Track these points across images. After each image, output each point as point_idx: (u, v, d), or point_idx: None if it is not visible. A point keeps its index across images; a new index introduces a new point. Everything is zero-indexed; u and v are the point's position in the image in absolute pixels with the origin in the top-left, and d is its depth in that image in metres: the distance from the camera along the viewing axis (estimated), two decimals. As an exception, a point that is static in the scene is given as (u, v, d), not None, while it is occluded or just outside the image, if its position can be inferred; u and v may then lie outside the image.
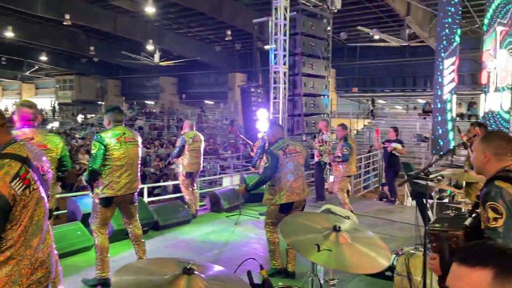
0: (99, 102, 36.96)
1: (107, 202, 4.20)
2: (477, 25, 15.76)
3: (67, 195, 6.91)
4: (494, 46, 7.91)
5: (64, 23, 19.12)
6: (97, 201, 4.22)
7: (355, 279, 4.58)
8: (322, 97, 11.20)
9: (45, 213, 1.90)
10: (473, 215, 2.19)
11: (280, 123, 10.31)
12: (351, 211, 7.16)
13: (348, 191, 11.20)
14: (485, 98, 8.41)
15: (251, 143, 7.50)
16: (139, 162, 4.44)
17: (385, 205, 8.54)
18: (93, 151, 4.14)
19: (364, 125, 23.75)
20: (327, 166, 8.87)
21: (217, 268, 1.71)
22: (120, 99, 34.42)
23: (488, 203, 2.05)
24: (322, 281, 2.75)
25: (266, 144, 5.42)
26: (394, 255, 4.03)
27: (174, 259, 1.65)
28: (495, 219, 2.01)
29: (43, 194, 1.88)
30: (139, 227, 4.59)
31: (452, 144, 8.08)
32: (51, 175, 2.05)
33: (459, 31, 8.32)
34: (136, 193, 4.44)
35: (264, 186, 4.53)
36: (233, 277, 1.64)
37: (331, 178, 11.99)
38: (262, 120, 10.13)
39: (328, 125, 9.05)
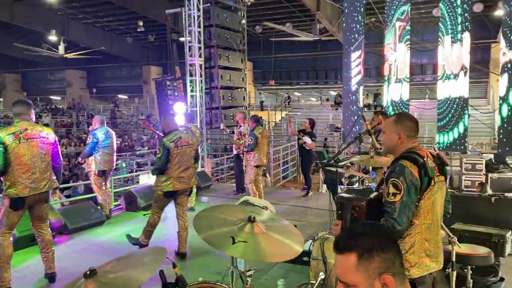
0: (-3, 99, 33.44)
1: (17, 204, 3.91)
2: (379, 21, 16.92)
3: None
4: (394, 40, 8.55)
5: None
6: (6, 203, 3.89)
7: (275, 266, 4.67)
8: (239, 89, 11.26)
9: None
10: (379, 191, 2.35)
11: (198, 116, 10.18)
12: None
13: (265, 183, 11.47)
14: (387, 89, 9.08)
15: None
16: (48, 159, 4.12)
17: (303, 194, 8.86)
18: None
19: (282, 117, 24.44)
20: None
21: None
22: (21, 94, 31.42)
23: (391, 179, 2.21)
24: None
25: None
26: (311, 241, 4.16)
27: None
28: (394, 195, 2.17)
29: None
30: (49, 233, 4.33)
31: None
32: None
33: (363, 26, 8.86)
34: (48, 192, 4.14)
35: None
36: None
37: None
38: (180, 114, 9.90)
39: (246, 117, 9.12)
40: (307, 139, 8.33)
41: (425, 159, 2.26)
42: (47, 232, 4.24)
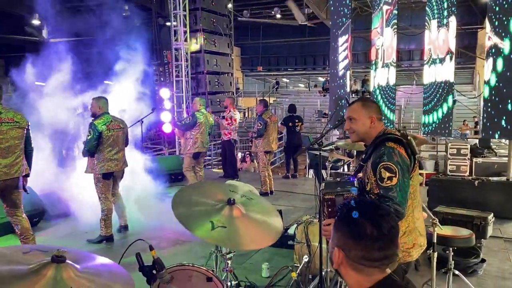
0: (-21, 85, 32.67)
1: None
2: (367, 5, 16.84)
3: None
4: (381, 25, 8.51)
5: None
6: None
7: (260, 250, 4.67)
8: (226, 75, 11.16)
9: None
10: (356, 177, 2.28)
11: (184, 102, 10.08)
12: (271, 192, 7.37)
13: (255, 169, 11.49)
14: (374, 74, 9.07)
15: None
16: (21, 144, 4.04)
17: (290, 179, 8.90)
18: None
19: (270, 103, 24.35)
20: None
21: (101, 259, 1.54)
22: (5, 80, 30.76)
23: (382, 163, 2.10)
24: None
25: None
26: (295, 225, 4.17)
27: (47, 247, 1.45)
28: (390, 178, 2.08)
29: None
30: (26, 219, 4.24)
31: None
32: None
33: (350, 9, 8.80)
34: (19, 178, 4.04)
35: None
36: (114, 268, 1.49)
37: (239, 155, 12.18)
38: (166, 99, 9.79)
39: (234, 102, 9.04)
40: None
41: (409, 138, 2.22)
42: (22, 218, 4.17)
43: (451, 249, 3.47)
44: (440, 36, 6.80)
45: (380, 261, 1.22)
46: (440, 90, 6.79)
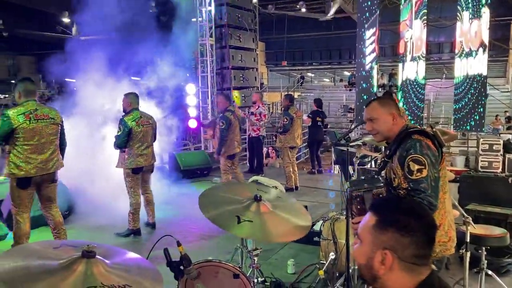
0: (13, 81, 33.85)
1: (23, 183, 3.94)
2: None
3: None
4: (410, 17, 8.28)
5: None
6: (13, 183, 3.94)
7: (285, 246, 4.65)
8: (251, 70, 11.11)
9: None
10: (381, 175, 2.24)
11: (209, 97, 10.12)
12: (296, 187, 7.31)
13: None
14: (402, 67, 8.84)
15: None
16: (56, 140, 4.16)
17: (315, 175, 8.82)
18: None
19: (295, 98, 24.19)
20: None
21: (130, 254, 1.55)
22: (37, 77, 31.71)
23: (410, 156, 2.06)
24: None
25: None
26: (321, 221, 4.12)
27: (77, 242, 1.48)
28: (420, 171, 2.03)
29: None
30: (59, 213, 4.36)
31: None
32: None
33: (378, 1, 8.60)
34: (55, 173, 4.17)
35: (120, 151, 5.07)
36: (143, 264, 1.50)
37: (264, 150, 12.18)
38: (191, 95, 9.86)
39: (262, 97, 9.02)
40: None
41: (434, 129, 2.17)
42: (56, 213, 4.27)
43: (483, 248, 3.35)
44: (473, 28, 6.57)
45: (427, 258, 1.20)
46: (472, 90, 6.56)
